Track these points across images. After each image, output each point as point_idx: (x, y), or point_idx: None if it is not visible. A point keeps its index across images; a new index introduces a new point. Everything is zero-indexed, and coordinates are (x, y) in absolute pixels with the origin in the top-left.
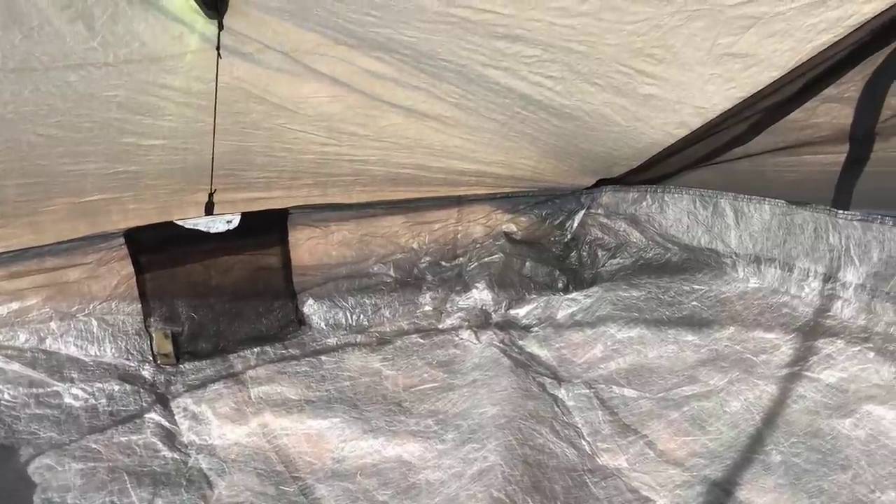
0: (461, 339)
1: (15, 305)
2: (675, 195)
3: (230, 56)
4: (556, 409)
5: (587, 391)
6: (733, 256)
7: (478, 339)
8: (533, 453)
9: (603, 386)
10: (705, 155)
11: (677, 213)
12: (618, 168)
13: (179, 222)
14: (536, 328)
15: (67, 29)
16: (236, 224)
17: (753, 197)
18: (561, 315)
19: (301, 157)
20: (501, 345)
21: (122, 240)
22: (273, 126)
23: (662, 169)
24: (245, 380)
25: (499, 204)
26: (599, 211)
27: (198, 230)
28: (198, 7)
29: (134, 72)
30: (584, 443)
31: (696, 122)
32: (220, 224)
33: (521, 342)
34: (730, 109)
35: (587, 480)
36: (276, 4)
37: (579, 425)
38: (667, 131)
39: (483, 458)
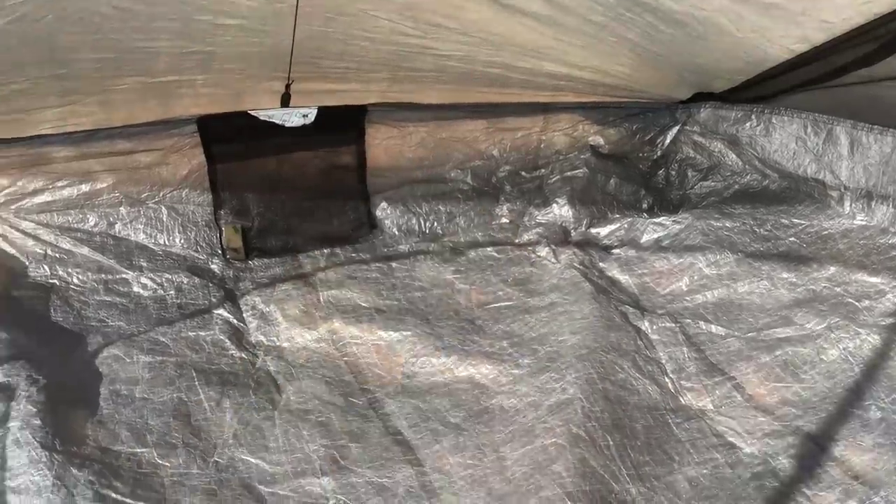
0: (538, 256)
1: (85, 187)
2: (785, 117)
3: None
4: (640, 342)
5: (672, 325)
6: (841, 189)
7: (556, 257)
8: (614, 389)
9: (689, 320)
10: (819, 76)
11: (784, 138)
12: (720, 83)
13: (254, 112)
14: (618, 250)
15: None
16: (312, 118)
17: (875, 126)
18: (645, 239)
19: (382, 47)
20: (581, 266)
21: (194, 127)
22: (357, 12)
23: (768, 88)
24: (314, 282)
25: (587, 114)
26: (695, 128)
27: (272, 122)
28: None
29: None
30: (667, 380)
31: (819, 38)
32: (295, 117)
33: (601, 264)
34: (861, 26)
35: (669, 420)
36: None
37: (663, 361)
38: (785, 45)
39: (562, 389)
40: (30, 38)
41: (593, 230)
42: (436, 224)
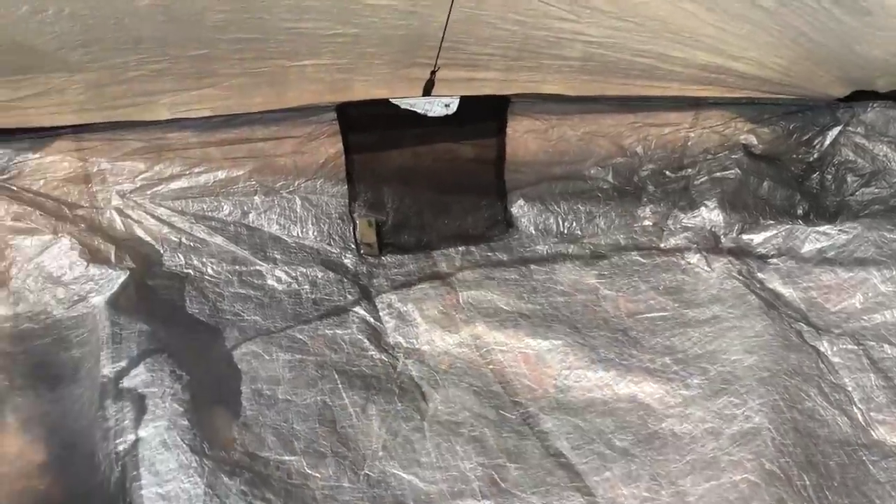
0: (689, 263)
1: (221, 175)
2: None
3: None
4: (822, 365)
5: (854, 346)
6: None
7: (709, 265)
8: (803, 419)
9: (872, 343)
10: None
11: None
12: (884, 80)
13: (395, 101)
14: (776, 260)
15: None
16: (455, 108)
17: None
18: (806, 249)
19: (532, 32)
20: (741, 277)
21: (333, 114)
22: None
23: None
24: (452, 282)
25: (741, 110)
26: (858, 129)
27: (413, 111)
28: None
29: None
30: (856, 411)
31: None
32: (437, 107)
33: (760, 275)
34: None
35: (864, 458)
36: None
37: (849, 388)
38: None
39: (745, 416)
40: (177, 14)
41: (745, 237)
42: (574, 224)
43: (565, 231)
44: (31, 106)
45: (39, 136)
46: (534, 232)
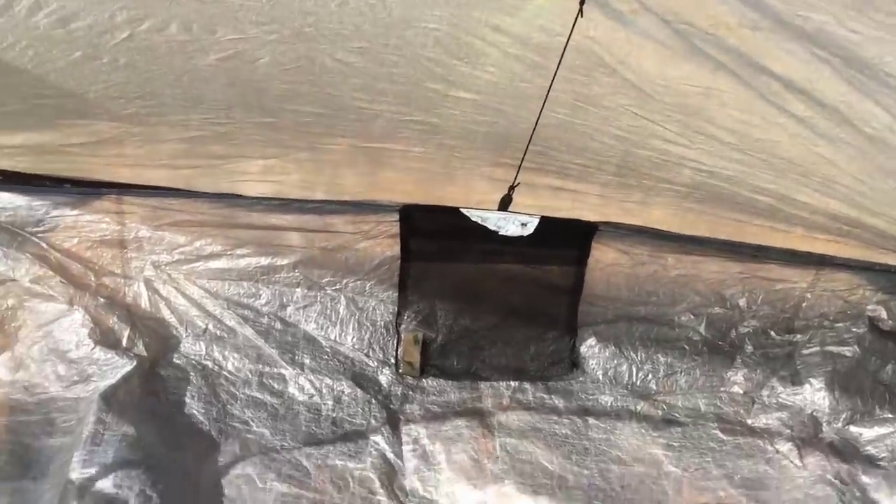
0: (778, 451)
1: (264, 260)
2: None
3: (593, 9)
4: None
5: None
6: None
7: (801, 459)
8: None
9: None
10: None
11: None
12: None
13: (466, 212)
14: (887, 465)
15: None
16: (532, 229)
17: None
18: None
19: (634, 150)
20: (838, 482)
21: (395, 214)
22: (614, 106)
23: None
24: (493, 424)
25: (873, 277)
26: None
27: (483, 226)
28: None
29: (466, 2)
30: None
31: None
32: (512, 225)
33: (863, 479)
34: None
35: None
36: None
37: None
38: None
39: None
40: (240, 79)
41: (853, 429)
42: (650, 377)
43: (637, 383)
44: (86, 154)
45: (83, 191)
46: (601, 378)
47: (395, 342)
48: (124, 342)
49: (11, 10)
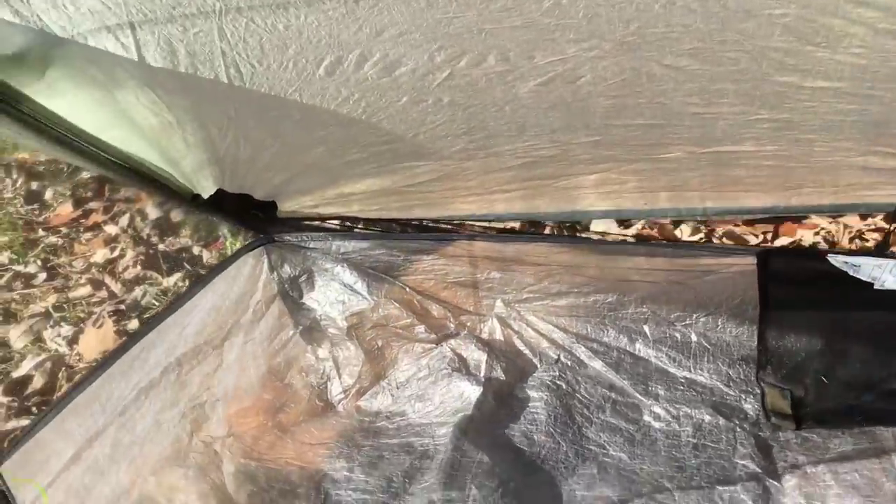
0: None
1: (611, 298)
2: None
3: None
4: None
5: None
6: None
7: None
8: None
9: None
10: None
11: None
12: None
13: (831, 258)
14: None
15: None
16: None
17: None
18: None
19: None
20: None
21: (742, 255)
22: None
23: None
24: (888, 447)
25: None
26: None
27: (846, 274)
28: None
29: None
30: None
31: None
32: (890, 276)
33: None
34: None
35: None
36: None
37: None
38: None
39: None
40: (561, 101)
41: None
42: None
43: None
44: (424, 191)
45: (437, 236)
46: None
47: (760, 394)
48: (482, 371)
49: (341, 66)
